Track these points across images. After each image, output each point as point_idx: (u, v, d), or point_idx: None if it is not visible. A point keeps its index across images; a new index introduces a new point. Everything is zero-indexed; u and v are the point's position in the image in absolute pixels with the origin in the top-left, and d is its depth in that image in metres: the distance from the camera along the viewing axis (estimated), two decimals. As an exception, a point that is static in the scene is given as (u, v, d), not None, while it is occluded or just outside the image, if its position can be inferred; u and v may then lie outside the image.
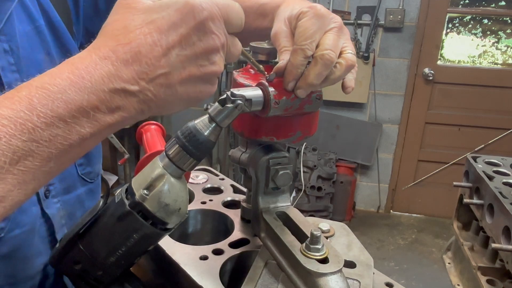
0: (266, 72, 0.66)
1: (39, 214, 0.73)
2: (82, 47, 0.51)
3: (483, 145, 3.99)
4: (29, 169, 0.44)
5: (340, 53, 0.65)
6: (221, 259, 0.79)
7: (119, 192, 0.62)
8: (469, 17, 4.15)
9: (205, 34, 0.50)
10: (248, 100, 0.63)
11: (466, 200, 1.56)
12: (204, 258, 0.78)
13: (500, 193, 1.38)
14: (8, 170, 0.43)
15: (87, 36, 0.83)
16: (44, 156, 0.45)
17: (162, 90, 0.49)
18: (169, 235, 0.68)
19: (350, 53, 0.66)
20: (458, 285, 1.61)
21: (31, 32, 0.70)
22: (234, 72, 0.77)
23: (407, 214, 4.37)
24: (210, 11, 0.50)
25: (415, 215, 4.36)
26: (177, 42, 0.48)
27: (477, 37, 4.20)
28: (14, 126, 0.43)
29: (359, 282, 0.71)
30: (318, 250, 0.64)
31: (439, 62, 4.01)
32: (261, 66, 0.67)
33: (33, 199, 0.71)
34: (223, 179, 1.10)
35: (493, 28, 4.17)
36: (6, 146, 0.42)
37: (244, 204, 0.90)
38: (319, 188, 3.78)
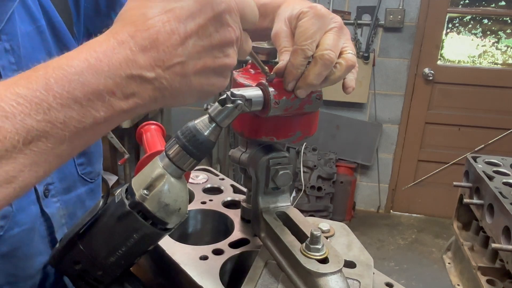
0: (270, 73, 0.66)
1: (39, 213, 0.73)
2: None
3: (483, 145, 3.99)
4: (42, 150, 0.44)
5: (340, 53, 0.65)
6: (221, 259, 0.79)
7: (119, 192, 0.62)
8: (469, 17, 4.15)
9: (222, 26, 0.50)
10: (248, 100, 0.63)
11: (466, 200, 1.57)
12: (204, 258, 0.78)
13: (500, 193, 1.38)
14: (20, 150, 0.42)
15: (88, 36, 0.84)
16: (58, 138, 0.44)
17: (177, 79, 0.48)
18: (169, 235, 0.68)
19: (350, 53, 0.66)
20: (458, 285, 1.61)
21: (32, 32, 0.70)
22: (234, 72, 0.77)
23: (407, 214, 4.37)
24: (228, 4, 0.50)
25: (415, 215, 4.36)
26: (195, 31, 0.48)
27: (477, 37, 4.20)
28: (29, 105, 0.42)
29: (359, 282, 0.71)
30: (318, 250, 0.64)
31: (439, 62, 4.01)
32: (266, 67, 0.67)
33: (32, 198, 0.71)
34: (223, 179, 1.10)
35: (493, 28, 4.17)
36: (21, 125, 0.42)
37: (244, 204, 0.90)
38: (319, 188, 3.78)
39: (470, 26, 4.19)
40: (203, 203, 0.98)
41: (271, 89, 0.65)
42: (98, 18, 0.83)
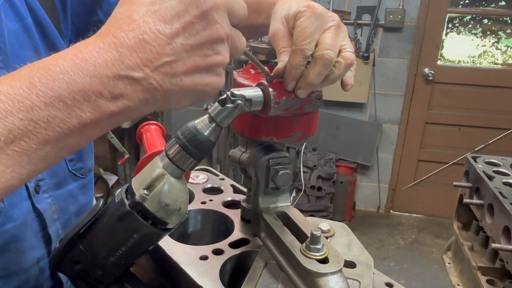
0: (270, 73, 0.66)
1: (30, 209, 0.73)
2: (71, 44, 0.51)
3: (483, 145, 3.99)
4: (25, 151, 0.43)
5: (339, 52, 0.65)
6: (221, 259, 0.79)
7: (119, 192, 0.62)
8: (469, 17, 4.15)
9: (209, 23, 0.49)
10: (248, 100, 0.63)
11: (466, 200, 1.57)
12: (204, 258, 0.78)
13: (500, 193, 1.38)
14: (2, 149, 0.41)
15: (76, 33, 0.84)
16: (41, 139, 0.43)
17: (167, 79, 0.48)
18: (169, 235, 0.68)
19: (348, 51, 0.66)
20: (458, 285, 1.61)
21: (19, 30, 0.70)
22: (234, 72, 0.77)
23: (407, 214, 4.37)
24: (214, 1, 0.49)
25: (415, 215, 4.36)
26: (181, 30, 0.48)
27: (477, 37, 4.20)
28: (12, 103, 0.42)
29: (359, 282, 0.71)
30: (318, 250, 0.64)
31: (439, 62, 4.01)
32: (265, 67, 0.67)
33: (24, 194, 0.72)
34: (223, 179, 1.10)
35: (493, 28, 4.17)
36: (2, 123, 0.41)
37: (244, 204, 0.90)
38: (319, 188, 3.78)
39: (470, 26, 4.19)
40: (203, 203, 0.98)
41: (271, 89, 0.65)
42: (85, 14, 0.83)
